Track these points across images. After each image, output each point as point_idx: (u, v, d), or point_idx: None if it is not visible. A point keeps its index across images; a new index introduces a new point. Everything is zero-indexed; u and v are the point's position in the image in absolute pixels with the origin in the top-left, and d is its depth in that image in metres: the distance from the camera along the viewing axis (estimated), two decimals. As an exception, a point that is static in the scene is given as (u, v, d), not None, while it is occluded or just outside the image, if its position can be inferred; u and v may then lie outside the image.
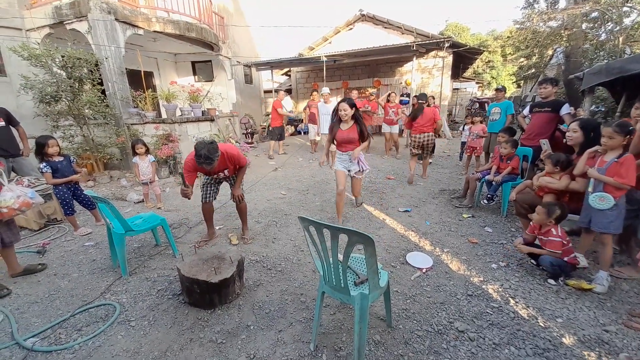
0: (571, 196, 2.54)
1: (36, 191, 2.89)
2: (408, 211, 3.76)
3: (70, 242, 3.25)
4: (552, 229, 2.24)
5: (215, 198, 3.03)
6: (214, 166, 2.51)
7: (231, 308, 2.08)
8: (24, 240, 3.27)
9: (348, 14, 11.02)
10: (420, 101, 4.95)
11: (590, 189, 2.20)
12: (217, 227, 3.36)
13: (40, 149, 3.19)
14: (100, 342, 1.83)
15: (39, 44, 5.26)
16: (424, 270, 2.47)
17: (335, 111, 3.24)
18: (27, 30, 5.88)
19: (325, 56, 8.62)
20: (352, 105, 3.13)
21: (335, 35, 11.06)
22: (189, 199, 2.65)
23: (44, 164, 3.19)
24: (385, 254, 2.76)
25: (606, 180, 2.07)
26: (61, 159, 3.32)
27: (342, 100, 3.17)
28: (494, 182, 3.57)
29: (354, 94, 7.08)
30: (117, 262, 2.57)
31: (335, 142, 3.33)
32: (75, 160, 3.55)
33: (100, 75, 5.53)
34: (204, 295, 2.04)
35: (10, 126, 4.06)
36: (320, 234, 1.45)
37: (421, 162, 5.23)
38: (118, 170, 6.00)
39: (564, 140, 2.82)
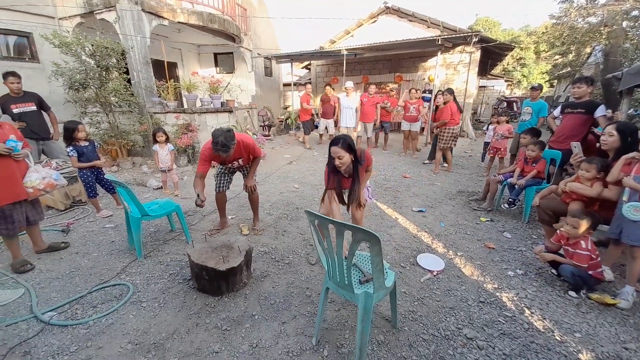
0: (601, 204, 2.36)
1: (62, 174, 3.04)
2: (422, 211, 3.65)
3: (92, 223, 3.41)
4: (582, 241, 2.09)
5: (228, 188, 3.07)
6: (230, 154, 2.53)
7: (238, 296, 2.11)
8: (51, 219, 3.48)
9: (372, 7, 10.63)
10: (455, 97, 5.30)
11: (625, 198, 2.03)
12: (229, 217, 3.42)
13: (69, 134, 3.35)
14: (113, 320, 1.91)
15: (69, 32, 5.49)
16: (434, 273, 2.40)
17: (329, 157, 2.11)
18: (60, 19, 6.15)
19: (346, 50, 8.46)
20: (350, 149, 2.02)
21: (357, 28, 10.82)
22: (202, 207, 2.61)
23: (71, 147, 3.35)
24: (395, 254, 2.69)
25: None
26: (87, 143, 3.48)
27: (334, 143, 2.01)
28: (516, 186, 3.39)
29: (372, 89, 6.90)
30: (134, 245, 2.67)
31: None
32: (99, 145, 3.71)
33: (126, 64, 5.72)
34: (212, 282, 2.08)
35: (42, 111, 4.29)
36: (326, 229, 1.42)
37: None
38: (140, 157, 6.23)
39: (597, 144, 2.62)
